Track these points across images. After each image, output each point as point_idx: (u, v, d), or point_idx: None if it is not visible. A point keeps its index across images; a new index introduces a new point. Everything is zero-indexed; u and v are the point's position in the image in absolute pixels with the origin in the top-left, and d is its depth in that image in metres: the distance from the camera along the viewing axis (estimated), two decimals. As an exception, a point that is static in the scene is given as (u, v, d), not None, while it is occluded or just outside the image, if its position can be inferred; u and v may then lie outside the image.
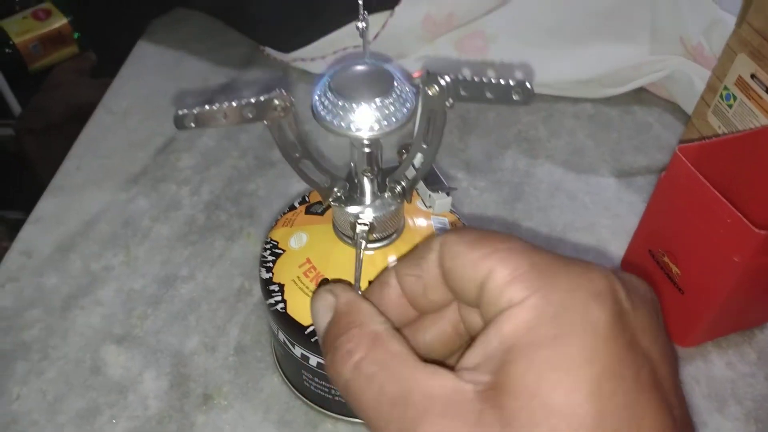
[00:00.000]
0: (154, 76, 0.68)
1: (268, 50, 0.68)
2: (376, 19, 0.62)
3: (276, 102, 0.29)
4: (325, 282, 0.34)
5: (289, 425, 0.39)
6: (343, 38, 0.63)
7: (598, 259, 0.49)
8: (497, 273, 0.19)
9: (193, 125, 0.29)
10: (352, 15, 0.63)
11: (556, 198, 0.54)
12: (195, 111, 0.29)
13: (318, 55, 0.64)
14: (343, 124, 0.29)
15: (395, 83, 0.29)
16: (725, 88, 0.48)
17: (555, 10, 0.63)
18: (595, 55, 0.62)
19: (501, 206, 0.53)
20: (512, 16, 0.63)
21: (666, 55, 0.61)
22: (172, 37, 0.73)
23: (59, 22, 1.59)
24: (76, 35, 1.60)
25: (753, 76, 0.45)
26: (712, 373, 0.42)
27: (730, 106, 0.48)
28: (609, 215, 0.52)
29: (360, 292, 0.25)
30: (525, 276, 0.19)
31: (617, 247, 0.49)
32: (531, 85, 0.25)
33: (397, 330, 0.22)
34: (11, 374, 0.42)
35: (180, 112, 0.29)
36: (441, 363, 0.20)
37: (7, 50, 1.52)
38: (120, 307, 0.46)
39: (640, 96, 0.64)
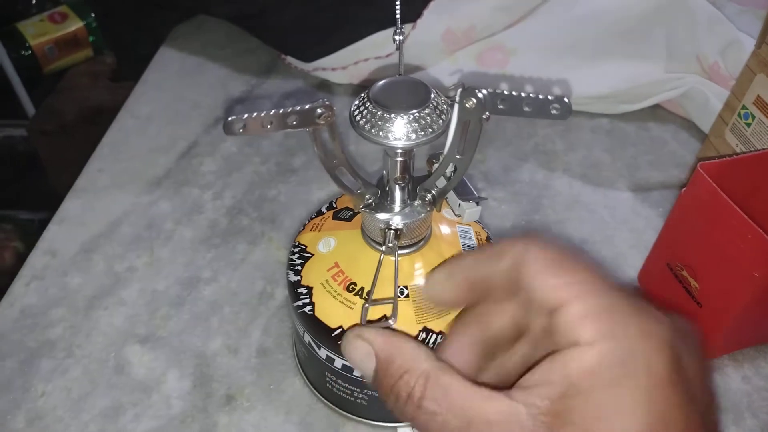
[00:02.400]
0: (176, 81, 0.69)
1: (289, 59, 0.69)
2: (401, 16, 0.63)
3: (319, 111, 0.30)
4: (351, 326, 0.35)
5: (311, 427, 0.40)
6: (365, 49, 0.64)
7: (616, 271, 0.50)
8: (572, 307, 0.21)
9: (241, 131, 0.30)
10: (372, 27, 0.64)
11: (573, 211, 0.55)
12: (243, 117, 0.30)
13: (339, 65, 0.65)
14: (380, 133, 0.30)
15: (432, 95, 0.30)
16: (744, 107, 0.49)
17: (574, 26, 0.64)
18: (613, 71, 0.63)
19: (519, 218, 0.54)
20: (532, 31, 0.64)
21: (682, 73, 0.62)
22: (194, 43, 0.74)
23: (75, 25, 1.61)
24: (91, 38, 1.62)
25: (772, 96, 0.46)
26: (728, 386, 0.42)
27: (749, 125, 0.48)
28: (626, 228, 0.53)
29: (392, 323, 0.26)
30: (598, 318, 0.20)
31: (635, 260, 0.50)
32: (569, 100, 0.26)
33: (442, 360, 0.24)
34: (36, 371, 0.43)
35: (230, 119, 0.30)
36: (494, 386, 0.22)
37: (23, 52, 1.54)
38: (143, 307, 0.47)
39: (656, 113, 0.65)
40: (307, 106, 0.29)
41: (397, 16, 0.33)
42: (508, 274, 0.23)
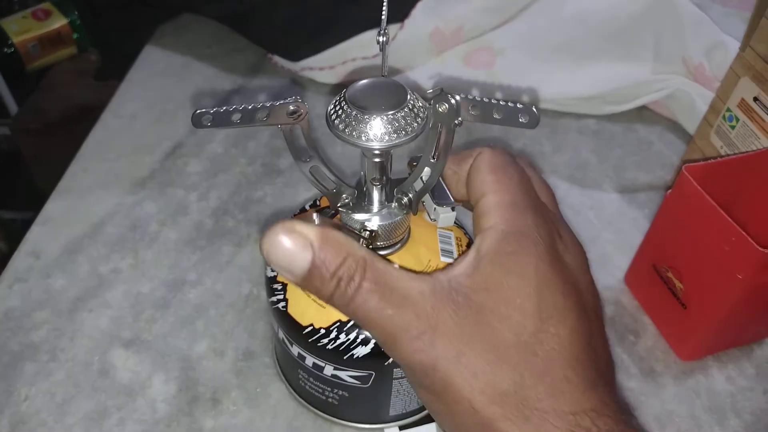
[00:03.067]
0: (161, 80, 0.69)
1: (276, 58, 0.69)
2: (387, 15, 0.63)
3: (291, 108, 0.30)
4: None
5: (298, 431, 0.40)
6: (352, 49, 0.64)
7: (602, 271, 0.50)
8: (488, 198, 0.28)
9: (209, 124, 0.30)
10: (361, 26, 0.64)
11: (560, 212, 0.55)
12: (211, 111, 0.30)
13: (326, 64, 0.65)
14: (354, 134, 0.30)
15: (408, 97, 0.30)
16: (728, 109, 0.49)
17: (561, 27, 0.64)
18: (599, 72, 0.63)
19: (506, 219, 0.54)
20: (519, 32, 0.64)
21: (668, 74, 0.62)
22: (180, 42, 0.74)
23: (59, 22, 1.59)
24: (75, 36, 1.60)
25: (755, 99, 0.46)
26: (712, 386, 0.43)
27: (733, 128, 0.49)
28: (612, 230, 0.53)
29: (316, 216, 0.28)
30: (504, 208, 0.27)
31: (620, 260, 0.50)
32: (537, 110, 0.27)
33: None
34: (20, 375, 0.43)
35: (198, 111, 0.30)
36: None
37: (6, 49, 1.52)
38: (128, 310, 0.47)
39: (643, 114, 0.65)
40: (278, 103, 0.29)
41: (383, 17, 0.32)
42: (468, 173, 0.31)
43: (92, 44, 1.51)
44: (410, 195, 0.33)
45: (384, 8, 0.33)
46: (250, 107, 0.28)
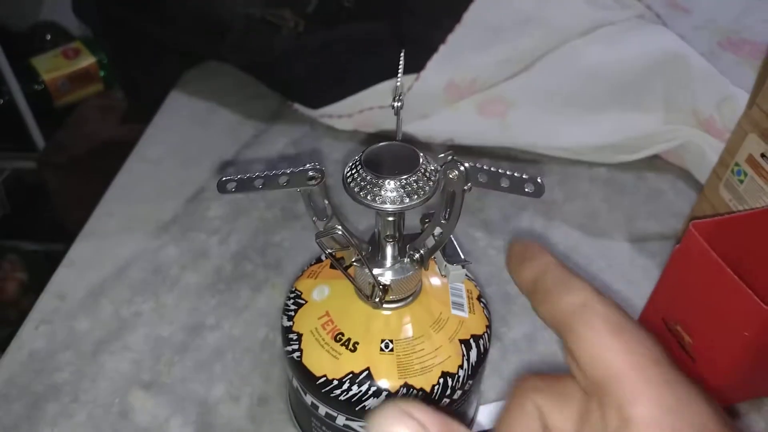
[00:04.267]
0: (185, 125, 0.72)
1: (296, 105, 0.71)
2: (402, 81, 0.65)
3: (310, 174, 0.32)
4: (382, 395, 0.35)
5: (310, 478, 0.41)
6: (369, 98, 0.66)
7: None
8: (628, 379, 0.20)
9: (233, 190, 0.32)
10: (377, 77, 0.66)
11: (570, 261, 0.56)
12: (236, 178, 0.32)
13: (344, 112, 0.67)
14: (369, 197, 0.31)
15: (421, 162, 0.32)
16: (736, 164, 0.50)
17: (572, 79, 0.66)
18: (611, 123, 0.65)
19: (518, 267, 0.55)
20: (532, 83, 0.66)
21: (679, 125, 0.63)
22: (204, 88, 0.76)
23: (87, 61, 1.65)
24: (102, 74, 1.66)
25: (763, 156, 0.47)
26: (723, 443, 0.43)
27: (741, 182, 0.50)
28: (623, 280, 0.54)
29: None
30: (657, 390, 0.20)
31: (631, 311, 0.51)
32: (542, 181, 0.28)
33: None
34: (42, 416, 0.44)
35: (223, 179, 0.32)
36: None
37: (36, 86, 1.58)
38: (148, 353, 0.48)
39: (654, 162, 0.66)
40: (298, 169, 0.31)
41: (398, 83, 0.34)
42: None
43: (120, 88, 1.55)
44: (422, 251, 0.35)
45: (398, 76, 0.35)
46: (272, 174, 0.30)
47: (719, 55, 0.74)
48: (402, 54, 0.35)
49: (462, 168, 0.30)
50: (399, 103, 0.34)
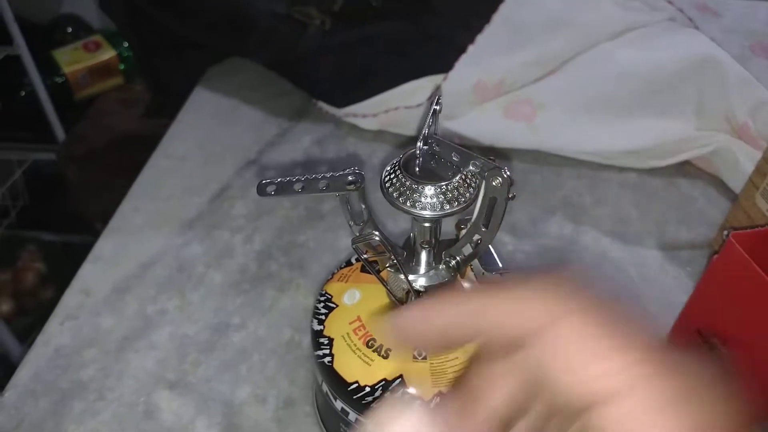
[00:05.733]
0: (210, 122, 0.71)
1: (321, 103, 0.70)
2: (431, 82, 0.64)
3: (350, 178, 0.31)
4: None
5: (336, 484, 0.40)
6: (394, 98, 0.65)
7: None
8: (623, 404, 0.18)
9: (272, 193, 0.31)
10: (403, 77, 0.66)
11: (601, 267, 0.55)
12: (276, 181, 0.31)
13: (369, 112, 0.67)
14: (408, 202, 0.31)
15: (461, 168, 0.31)
16: (775, 172, 0.49)
17: (602, 83, 0.65)
18: (641, 127, 0.63)
19: (546, 272, 0.54)
20: (561, 86, 0.65)
21: (712, 131, 0.62)
22: (229, 85, 0.76)
23: (108, 54, 1.66)
24: (122, 66, 1.67)
25: (804, 164, 0.46)
26: (758, 459, 0.42)
27: (780, 191, 0.49)
28: (655, 288, 0.53)
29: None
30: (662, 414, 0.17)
31: (662, 321, 0.50)
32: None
33: None
34: (68, 412, 0.44)
35: (263, 182, 0.31)
36: None
37: (57, 79, 1.58)
38: (173, 352, 0.48)
39: (685, 168, 0.65)
40: (338, 173, 0.30)
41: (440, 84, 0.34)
42: (521, 339, 0.19)
43: (144, 84, 1.56)
44: (459, 258, 0.34)
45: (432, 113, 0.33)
46: (312, 177, 0.30)
47: (750, 59, 0.72)
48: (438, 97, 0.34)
49: (506, 175, 0.29)
50: (438, 106, 0.33)
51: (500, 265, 0.34)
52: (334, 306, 0.38)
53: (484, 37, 0.65)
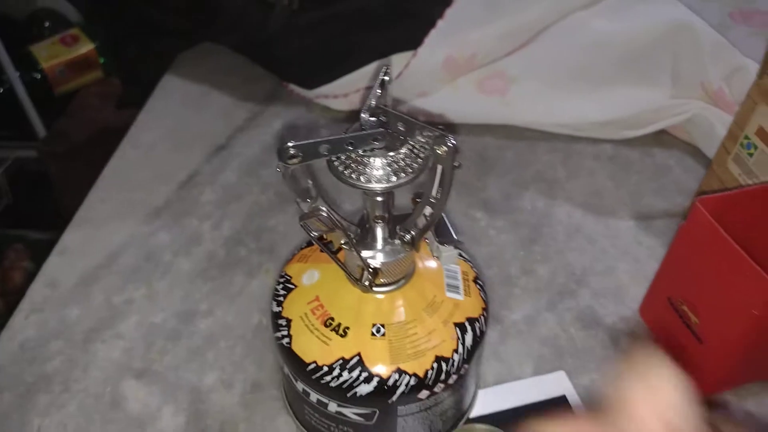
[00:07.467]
0: (179, 109, 0.70)
1: (292, 86, 0.69)
2: (400, 59, 0.63)
3: (376, 136, 0.29)
4: None
5: (305, 467, 0.40)
6: (364, 78, 0.64)
7: (618, 303, 0.49)
8: None
9: (297, 162, 0.29)
10: (373, 55, 0.64)
11: (574, 240, 0.54)
12: (300, 144, 0.29)
13: (340, 92, 0.65)
14: (354, 175, 0.30)
15: (408, 138, 0.30)
16: (746, 137, 0.48)
17: (577, 53, 0.64)
18: (616, 97, 0.62)
19: (519, 247, 0.53)
20: (533, 58, 0.64)
21: (687, 99, 0.61)
22: (198, 71, 0.75)
23: (86, 47, 1.63)
24: (101, 60, 1.64)
25: (774, 127, 0.45)
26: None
27: (751, 155, 0.48)
28: (628, 259, 0.52)
29: None
30: None
31: (636, 291, 0.49)
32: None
33: None
34: (33, 406, 0.43)
35: (285, 146, 0.29)
36: None
37: (35, 74, 1.56)
38: (140, 341, 0.47)
39: (661, 138, 0.64)
40: (363, 132, 0.29)
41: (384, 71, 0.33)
42: None
43: (114, 72, 1.54)
44: (413, 232, 0.33)
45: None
46: (336, 138, 0.29)
47: (730, 27, 0.71)
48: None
49: (451, 144, 0.28)
50: (386, 77, 0.32)
51: (454, 236, 0.33)
52: (293, 287, 0.37)
53: (454, 10, 0.63)
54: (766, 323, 0.37)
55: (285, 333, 0.35)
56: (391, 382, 0.33)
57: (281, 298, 0.37)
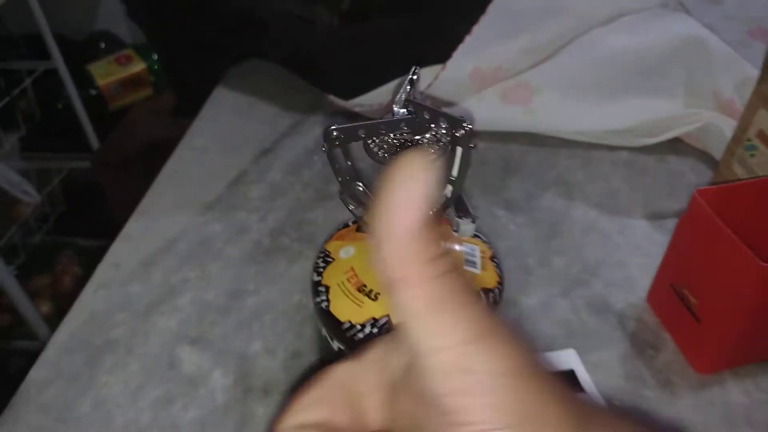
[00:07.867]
0: (230, 117, 0.77)
1: (331, 97, 0.76)
2: (430, 72, 0.69)
3: (405, 120, 0.35)
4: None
5: (338, 423, 0.45)
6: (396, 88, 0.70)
7: (628, 292, 0.53)
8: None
9: (338, 143, 0.35)
10: (404, 70, 0.70)
11: (589, 236, 0.58)
12: (341, 126, 0.35)
13: (375, 102, 0.71)
14: (387, 156, 0.35)
15: (432, 125, 0.35)
16: (748, 139, 0.52)
17: (596, 66, 0.68)
18: (633, 107, 0.67)
19: (537, 242, 0.58)
20: (556, 71, 0.69)
21: (700, 108, 0.65)
22: (247, 83, 0.82)
23: (138, 67, 1.74)
24: (152, 79, 1.75)
25: (772, 129, 0.49)
26: (728, 399, 0.45)
27: (752, 156, 0.52)
28: (639, 254, 0.56)
29: None
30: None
31: (645, 283, 0.53)
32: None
33: None
34: (101, 365, 0.49)
35: (330, 128, 0.35)
36: None
37: (92, 91, 1.67)
38: (194, 314, 0.53)
39: (675, 145, 0.68)
40: (395, 119, 0.35)
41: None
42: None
43: (169, 85, 1.64)
44: (434, 208, 0.38)
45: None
46: (371, 124, 0.34)
47: (749, 44, 0.75)
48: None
49: (468, 127, 0.33)
50: (415, 76, 0.38)
51: (472, 213, 0.38)
52: (332, 260, 0.43)
53: (481, 27, 0.69)
54: (758, 303, 0.41)
55: (324, 298, 0.41)
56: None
57: (321, 269, 0.42)
